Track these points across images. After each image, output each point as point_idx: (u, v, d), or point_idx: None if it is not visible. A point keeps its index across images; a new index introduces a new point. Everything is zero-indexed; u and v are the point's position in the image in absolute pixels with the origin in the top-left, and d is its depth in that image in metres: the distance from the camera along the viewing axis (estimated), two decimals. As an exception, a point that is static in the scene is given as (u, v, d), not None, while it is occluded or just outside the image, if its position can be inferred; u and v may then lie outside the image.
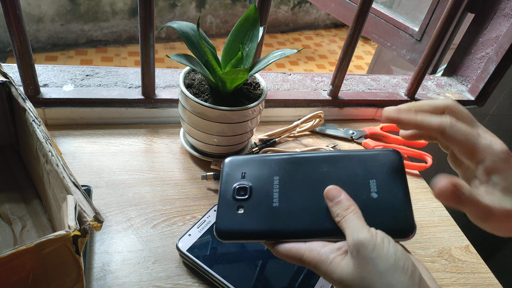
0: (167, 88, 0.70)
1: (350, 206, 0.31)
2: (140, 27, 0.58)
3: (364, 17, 0.66)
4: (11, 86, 0.47)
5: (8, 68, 0.66)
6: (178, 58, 0.53)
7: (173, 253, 0.49)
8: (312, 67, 3.07)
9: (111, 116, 0.66)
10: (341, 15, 1.14)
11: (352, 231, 0.29)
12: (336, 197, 0.31)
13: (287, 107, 0.74)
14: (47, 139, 0.40)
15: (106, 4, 2.69)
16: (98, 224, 0.32)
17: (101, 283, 0.44)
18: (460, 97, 0.87)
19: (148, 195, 0.56)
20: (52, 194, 0.40)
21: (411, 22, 0.97)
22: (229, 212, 0.33)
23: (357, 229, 0.29)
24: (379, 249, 0.28)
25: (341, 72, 0.73)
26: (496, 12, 0.82)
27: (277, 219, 0.32)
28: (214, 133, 0.57)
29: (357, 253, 0.28)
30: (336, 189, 0.32)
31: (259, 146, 0.66)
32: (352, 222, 0.30)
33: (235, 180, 0.34)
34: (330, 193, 0.32)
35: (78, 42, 2.75)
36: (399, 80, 0.89)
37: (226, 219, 0.33)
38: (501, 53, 0.80)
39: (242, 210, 0.33)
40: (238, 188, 0.34)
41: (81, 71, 0.70)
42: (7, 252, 0.28)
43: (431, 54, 0.75)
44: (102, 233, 0.50)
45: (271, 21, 3.37)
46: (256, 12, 0.55)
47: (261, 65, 0.55)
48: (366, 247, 0.28)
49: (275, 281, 0.46)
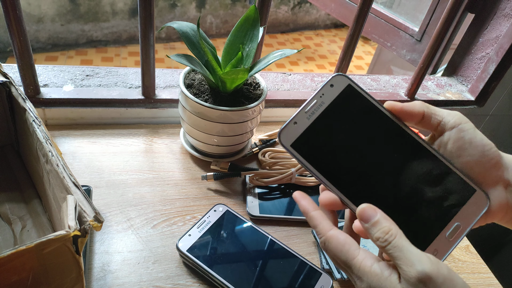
0: (167, 88, 0.70)
1: (391, 227, 0.29)
2: (140, 27, 0.58)
3: (364, 17, 0.66)
4: (11, 86, 0.47)
5: (8, 68, 0.66)
6: (178, 58, 0.53)
7: (173, 253, 0.49)
8: (312, 67, 3.07)
9: (111, 116, 0.66)
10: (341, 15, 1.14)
11: (411, 261, 0.27)
12: (372, 217, 0.29)
13: (287, 107, 0.74)
14: (47, 139, 0.40)
15: (106, 4, 2.69)
16: (98, 224, 0.32)
17: (101, 283, 0.44)
18: (460, 97, 0.87)
19: (148, 195, 0.56)
20: (52, 194, 0.40)
21: (411, 22, 0.97)
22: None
23: (419, 260, 0.27)
24: (449, 280, 0.26)
25: (341, 72, 0.73)
26: (496, 12, 0.82)
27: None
28: (214, 133, 0.57)
29: (425, 286, 0.26)
30: (371, 208, 0.30)
31: (259, 146, 0.66)
32: (405, 248, 0.28)
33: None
34: (365, 213, 0.30)
35: (78, 42, 2.75)
36: (399, 80, 0.89)
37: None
38: (501, 53, 0.80)
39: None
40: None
41: (81, 71, 0.70)
42: (7, 252, 0.28)
43: (431, 54, 0.75)
44: (102, 233, 0.50)
45: (271, 21, 3.37)
46: (256, 12, 0.55)
47: (261, 65, 0.55)
48: (435, 281, 0.26)
49: (275, 281, 0.46)
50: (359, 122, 0.33)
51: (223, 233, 0.50)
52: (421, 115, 0.32)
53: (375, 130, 0.33)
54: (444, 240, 0.31)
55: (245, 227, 0.52)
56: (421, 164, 0.32)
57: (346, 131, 0.32)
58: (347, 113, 0.33)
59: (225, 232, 0.51)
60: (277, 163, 0.62)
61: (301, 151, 0.32)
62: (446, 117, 0.32)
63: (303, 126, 0.32)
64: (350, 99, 0.33)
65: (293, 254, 0.49)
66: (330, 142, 0.32)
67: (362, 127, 0.33)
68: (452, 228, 0.31)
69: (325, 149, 0.32)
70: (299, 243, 0.53)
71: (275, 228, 0.55)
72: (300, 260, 0.49)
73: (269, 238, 0.51)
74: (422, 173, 0.32)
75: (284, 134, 0.32)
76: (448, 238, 0.31)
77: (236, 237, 0.50)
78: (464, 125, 0.32)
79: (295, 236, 0.54)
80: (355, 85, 0.33)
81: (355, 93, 0.33)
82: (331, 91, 0.33)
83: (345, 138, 0.32)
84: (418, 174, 0.32)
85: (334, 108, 0.32)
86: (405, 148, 0.33)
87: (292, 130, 0.32)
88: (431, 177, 0.32)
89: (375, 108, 0.33)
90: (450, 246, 0.31)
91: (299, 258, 0.49)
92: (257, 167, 0.64)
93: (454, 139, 0.32)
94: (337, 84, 0.33)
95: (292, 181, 0.59)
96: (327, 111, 0.32)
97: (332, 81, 0.33)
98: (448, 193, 0.32)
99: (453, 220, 0.32)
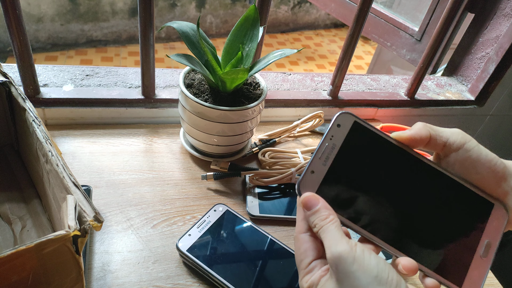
0: (167, 88, 0.70)
1: (329, 215, 0.29)
2: (140, 27, 0.58)
3: (364, 17, 0.66)
4: (11, 86, 0.47)
5: (8, 68, 0.66)
6: (178, 58, 0.53)
7: (173, 253, 0.49)
8: (312, 67, 3.06)
9: (111, 116, 0.66)
10: (341, 15, 1.14)
11: (330, 244, 0.28)
12: (314, 206, 0.30)
13: (287, 107, 0.74)
14: (47, 139, 0.40)
15: (106, 4, 2.69)
16: (98, 224, 0.32)
17: (101, 283, 0.44)
18: (460, 97, 0.87)
19: (148, 195, 0.56)
20: (52, 194, 0.40)
21: (411, 22, 0.97)
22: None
23: (335, 242, 0.28)
24: (360, 261, 0.27)
25: (341, 72, 0.73)
26: (496, 12, 0.82)
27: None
28: (214, 133, 0.57)
29: (336, 268, 0.27)
30: (314, 197, 0.30)
31: (259, 146, 0.66)
32: (330, 233, 0.28)
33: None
34: (309, 201, 0.30)
35: (78, 42, 2.75)
36: (399, 80, 0.89)
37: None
38: (501, 53, 0.80)
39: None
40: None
41: (81, 71, 0.70)
42: (7, 252, 0.28)
43: (431, 54, 0.75)
44: (102, 233, 0.50)
45: (271, 21, 3.37)
46: (256, 12, 0.55)
47: (261, 65, 0.55)
48: (345, 260, 0.27)
49: (275, 281, 0.46)
50: (373, 157, 0.32)
51: (223, 233, 0.50)
52: (428, 138, 0.32)
53: (390, 163, 0.33)
54: (480, 260, 0.31)
55: (245, 227, 0.52)
56: (441, 188, 0.32)
57: (363, 169, 0.32)
58: (360, 151, 0.32)
59: (225, 232, 0.51)
60: (277, 163, 0.62)
61: (325, 200, 0.31)
62: (451, 138, 0.32)
63: (322, 173, 0.31)
64: (359, 136, 0.33)
65: (293, 254, 0.49)
66: (352, 183, 0.31)
67: (377, 162, 0.32)
68: (484, 247, 0.31)
69: (347, 192, 0.31)
70: (299, 243, 0.53)
71: (275, 228, 0.55)
72: (300, 260, 0.49)
73: (269, 238, 0.51)
74: (444, 197, 0.32)
75: (303, 186, 0.31)
76: (482, 257, 0.31)
77: (236, 237, 0.50)
78: (468, 144, 0.32)
79: (295, 236, 0.54)
80: (360, 121, 0.33)
81: (362, 129, 0.33)
82: (339, 131, 0.32)
83: (364, 176, 0.32)
84: (441, 199, 0.32)
85: (347, 148, 0.32)
86: (422, 175, 0.33)
87: (311, 180, 0.31)
88: (452, 200, 0.32)
89: (384, 141, 0.33)
90: (487, 265, 0.31)
91: (299, 258, 0.49)
92: (257, 167, 0.64)
93: (461, 160, 0.32)
94: (344, 122, 0.33)
95: (292, 181, 0.59)
96: (341, 152, 0.32)
97: (338, 120, 0.32)
98: (471, 212, 0.32)
99: (483, 239, 0.31)
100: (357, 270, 0.26)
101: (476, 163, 0.32)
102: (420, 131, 0.32)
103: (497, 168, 0.32)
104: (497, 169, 0.32)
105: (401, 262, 0.29)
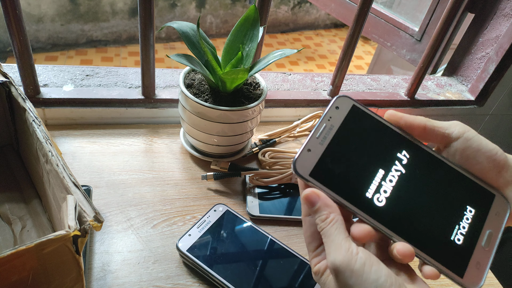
0: (167, 88, 0.70)
1: (329, 215, 0.29)
2: (140, 27, 0.58)
3: (364, 17, 0.66)
4: (11, 86, 0.47)
5: (8, 68, 0.66)
6: (178, 58, 0.53)
7: (173, 253, 0.49)
8: (312, 67, 3.06)
9: (111, 116, 0.66)
10: (341, 15, 1.14)
11: (329, 250, 0.27)
12: (314, 204, 0.29)
13: (287, 107, 0.74)
14: (47, 139, 0.40)
15: (106, 4, 2.69)
16: (98, 224, 0.32)
17: (101, 283, 0.44)
18: (460, 97, 0.87)
19: (148, 195, 0.56)
20: (52, 194, 0.40)
21: (411, 22, 0.97)
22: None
23: (334, 249, 0.27)
24: (358, 275, 0.26)
25: (341, 72, 0.73)
26: (496, 12, 0.82)
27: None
28: (214, 133, 0.57)
29: (336, 277, 0.27)
30: (314, 194, 0.29)
31: (259, 146, 0.66)
32: (329, 237, 0.28)
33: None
34: (309, 198, 0.29)
35: (78, 42, 2.75)
36: (399, 80, 0.89)
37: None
38: (501, 53, 0.80)
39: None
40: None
41: (81, 71, 0.70)
42: (7, 252, 0.28)
43: (431, 54, 0.75)
44: (102, 233, 0.50)
45: (271, 21, 3.37)
46: (256, 12, 0.55)
47: (261, 65, 0.55)
48: (343, 274, 0.26)
49: (275, 281, 0.46)
50: (371, 140, 0.32)
51: (223, 233, 0.50)
52: (422, 127, 0.32)
53: (388, 147, 0.32)
54: (482, 250, 0.31)
55: (245, 227, 0.52)
56: (440, 174, 0.32)
57: (361, 152, 0.32)
58: (358, 133, 0.32)
59: (225, 232, 0.51)
60: (277, 163, 0.62)
61: (321, 179, 0.30)
62: (449, 128, 0.32)
63: (318, 152, 0.31)
64: (358, 119, 0.33)
65: (293, 254, 0.49)
66: (348, 164, 0.31)
67: (374, 145, 0.32)
68: (486, 237, 0.31)
69: (344, 173, 0.31)
70: (299, 243, 0.53)
71: (275, 228, 0.55)
72: (300, 260, 0.49)
73: (269, 238, 0.51)
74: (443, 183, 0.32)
75: (299, 164, 0.30)
76: (484, 247, 0.31)
77: (236, 237, 0.50)
78: (468, 133, 0.32)
79: (295, 236, 0.54)
80: (359, 105, 0.33)
81: (361, 112, 0.33)
82: (338, 113, 0.32)
83: (361, 158, 0.32)
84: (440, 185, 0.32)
85: (344, 129, 0.32)
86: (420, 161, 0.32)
87: (307, 158, 0.30)
88: (452, 186, 0.32)
89: (383, 125, 0.33)
90: (489, 255, 0.31)
91: (299, 258, 0.49)
92: (257, 167, 0.64)
93: (462, 149, 0.32)
94: (342, 105, 0.33)
95: (292, 181, 0.59)
96: (339, 133, 0.32)
97: (336, 103, 0.33)
98: (473, 202, 0.32)
99: (484, 229, 0.31)
100: (355, 284, 0.26)
101: (477, 152, 0.32)
102: (415, 117, 0.33)
103: (498, 157, 0.31)
104: (498, 159, 0.31)
105: (396, 247, 0.29)
